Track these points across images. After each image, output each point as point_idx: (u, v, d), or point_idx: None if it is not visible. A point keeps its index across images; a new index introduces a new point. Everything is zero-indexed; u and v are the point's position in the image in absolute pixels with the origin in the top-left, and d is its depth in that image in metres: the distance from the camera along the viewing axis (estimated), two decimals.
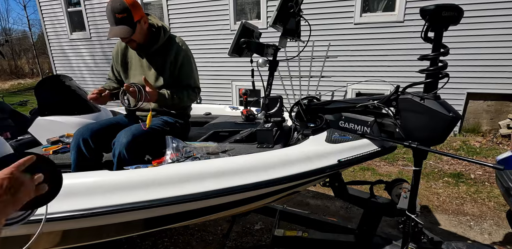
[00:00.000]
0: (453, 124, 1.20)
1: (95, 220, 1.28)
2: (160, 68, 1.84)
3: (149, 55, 1.85)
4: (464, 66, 4.63)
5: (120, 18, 1.64)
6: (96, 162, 1.75)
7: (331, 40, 5.31)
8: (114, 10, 1.62)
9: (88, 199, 1.22)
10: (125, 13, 1.63)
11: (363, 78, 5.22)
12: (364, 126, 1.48)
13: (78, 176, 1.34)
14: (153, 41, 1.80)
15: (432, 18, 1.12)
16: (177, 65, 1.85)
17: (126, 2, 1.62)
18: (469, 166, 3.71)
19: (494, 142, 4.46)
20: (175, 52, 1.83)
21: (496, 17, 4.38)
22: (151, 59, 1.85)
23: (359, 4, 5.05)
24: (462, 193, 3.09)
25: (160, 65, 1.84)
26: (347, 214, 2.75)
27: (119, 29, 1.65)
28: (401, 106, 1.33)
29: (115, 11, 1.62)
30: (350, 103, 1.55)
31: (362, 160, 1.49)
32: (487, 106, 4.83)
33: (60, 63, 8.16)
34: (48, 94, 2.40)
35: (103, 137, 1.71)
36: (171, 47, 1.84)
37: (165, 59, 1.83)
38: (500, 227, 2.50)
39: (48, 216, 1.19)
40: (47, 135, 2.17)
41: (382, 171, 3.70)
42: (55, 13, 7.68)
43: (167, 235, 2.44)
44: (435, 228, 2.49)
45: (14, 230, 0.88)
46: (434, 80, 1.23)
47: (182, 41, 1.91)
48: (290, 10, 1.61)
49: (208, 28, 6.13)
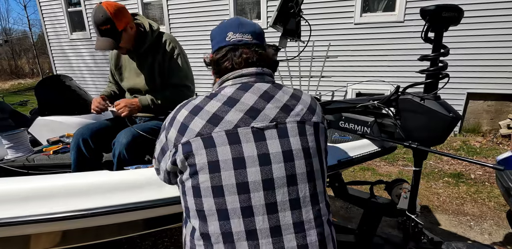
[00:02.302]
0: (453, 124, 1.20)
1: (95, 220, 1.28)
2: (151, 69, 1.79)
3: (139, 56, 1.80)
4: (464, 66, 4.62)
5: (104, 30, 1.57)
6: (96, 162, 1.75)
7: (331, 40, 5.31)
8: (96, 22, 1.55)
9: (88, 199, 1.22)
10: (108, 25, 1.56)
11: (363, 78, 5.22)
12: (364, 126, 1.48)
13: (78, 176, 1.34)
14: (142, 41, 1.75)
15: (432, 18, 1.12)
16: (165, 64, 1.79)
17: (108, 13, 1.54)
18: (469, 166, 3.71)
19: (494, 142, 4.46)
20: (162, 50, 1.77)
21: (496, 17, 4.38)
22: (142, 60, 1.80)
23: (359, 4, 5.05)
24: (462, 193, 3.09)
25: (151, 65, 1.79)
26: (347, 214, 2.75)
27: (103, 41, 1.60)
28: (401, 107, 1.33)
29: (97, 23, 1.55)
30: (350, 103, 1.55)
31: (362, 160, 1.49)
32: (487, 106, 4.83)
33: (60, 63, 8.16)
34: (48, 94, 2.41)
35: (103, 137, 1.71)
36: (159, 45, 1.78)
37: (154, 58, 1.78)
38: (500, 227, 2.49)
39: (48, 216, 1.20)
40: (47, 135, 2.17)
41: (382, 171, 3.70)
42: (55, 13, 7.68)
43: (167, 235, 2.44)
44: (435, 228, 2.49)
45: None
46: (434, 80, 1.23)
47: (171, 38, 1.82)
48: (290, 11, 1.61)
49: (208, 28, 6.12)
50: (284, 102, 0.89)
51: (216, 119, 0.84)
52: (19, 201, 1.22)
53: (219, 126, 0.83)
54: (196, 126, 0.84)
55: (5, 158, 1.89)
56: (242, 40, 0.92)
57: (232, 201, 0.81)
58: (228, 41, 0.93)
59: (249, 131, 0.84)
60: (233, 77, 0.92)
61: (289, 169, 0.84)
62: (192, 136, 0.84)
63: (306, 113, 0.90)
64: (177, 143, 0.86)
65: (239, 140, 0.83)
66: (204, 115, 0.85)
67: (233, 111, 0.85)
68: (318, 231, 0.86)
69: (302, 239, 0.83)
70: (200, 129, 0.84)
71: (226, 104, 0.86)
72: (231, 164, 0.82)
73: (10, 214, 1.18)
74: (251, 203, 0.81)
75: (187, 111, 0.88)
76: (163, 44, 1.77)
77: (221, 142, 0.82)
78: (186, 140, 0.84)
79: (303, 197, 0.85)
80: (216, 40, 0.97)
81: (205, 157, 0.82)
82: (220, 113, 0.85)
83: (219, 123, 0.84)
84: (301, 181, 0.85)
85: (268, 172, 0.82)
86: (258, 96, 0.88)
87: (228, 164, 0.82)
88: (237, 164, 0.82)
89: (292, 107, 0.89)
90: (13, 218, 1.18)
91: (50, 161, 1.87)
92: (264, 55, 0.95)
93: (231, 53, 0.92)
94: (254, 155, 0.82)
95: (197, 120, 0.85)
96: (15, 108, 3.46)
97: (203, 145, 0.82)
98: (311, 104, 0.94)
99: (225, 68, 0.93)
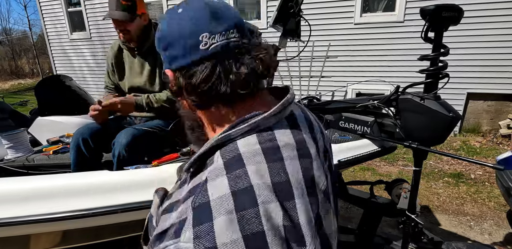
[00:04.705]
0: (453, 124, 1.20)
1: (95, 220, 1.28)
2: (152, 68, 1.79)
3: (141, 55, 1.80)
4: (464, 66, 4.62)
5: (124, 5, 1.57)
6: (96, 162, 1.75)
7: (331, 40, 5.31)
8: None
9: (88, 199, 1.23)
10: (130, 2, 1.58)
11: (363, 78, 5.22)
12: (364, 126, 1.48)
13: (78, 176, 1.34)
14: (146, 38, 1.76)
15: (432, 18, 1.12)
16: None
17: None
18: (469, 166, 3.71)
19: (494, 142, 4.45)
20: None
21: (496, 17, 4.37)
22: (144, 60, 1.80)
23: (359, 4, 5.05)
24: (462, 193, 3.09)
25: (152, 65, 1.79)
26: (347, 214, 2.75)
27: (118, 13, 1.59)
28: (401, 106, 1.33)
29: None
30: (350, 103, 1.55)
31: (362, 160, 1.49)
32: (487, 106, 4.83)
33: (61, 63, 8.16)
34: (48, 94, 2.41)
35: (103, 137, 1.71)
36: None
37: (155, 58, 1.78)
38: (500, 227, 2.49)
39: (49, 216, 1.20)
40: (47, 135, 2.17)
41: (382, 171, 3.70)
42: (55, 13, 7.67)
43: None
44: (435, 228, 2.49)
45: None
46: (434, 80, 1.23)
47: None
48: (290, 10, 1.61)
49: None
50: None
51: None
52: (19, 201, 1.22)
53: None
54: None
55: (5, 158, 1.89)
56: (229, 43, 0.55)
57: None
58: (206, 49, 0.54)
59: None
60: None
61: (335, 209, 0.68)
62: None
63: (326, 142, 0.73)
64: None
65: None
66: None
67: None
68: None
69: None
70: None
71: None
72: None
73: (10, 214, 1.18)
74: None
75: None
76: None
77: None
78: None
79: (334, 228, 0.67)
80: (177, 50, 0.56)
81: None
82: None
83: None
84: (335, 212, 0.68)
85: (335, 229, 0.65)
86: (307, 131, 0.64)
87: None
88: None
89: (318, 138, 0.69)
90: (13, 218, 1.18)
91: (50, 161, 1.87)
92: (267, 58, 0.58)
93: (219, 69, 0.55)
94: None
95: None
96: (15, 108, 3.46)
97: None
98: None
99: (220, 94, 0.56)
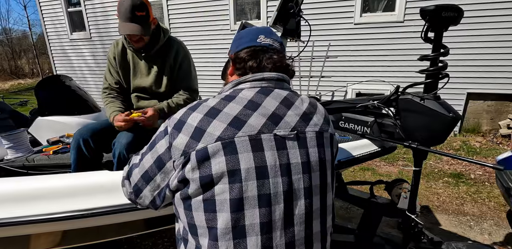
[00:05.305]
0: (453, 124, 1.20)
1: (95, 220, 1.28)
2: (160, 70, 1.79)
3: (148, 57, 1.79)
4: (464, 66, 4.63)
5: (139, 16, 1.56)
6: (96, 162, 1.75)
7: (331, 40, 5.31)
8: (134, 7, 1.53)
9: (88, 199, 1.23)
10: (144, 12, 1.57)
11: (363, 78, 5.22)
12: (364, 126, 1.48)
13: (78, 176, 1.34)
14: (155, 41, 1.75)
15: (432, 18, 1.12)
16: (176, 67, 1.79)
17: (145, 0, 1.57)
18: (469, 166, 3.71)
19: (494, 142, 4.46)
20: (174, 54, 1.78)
21: (496, 17, 4.38)
22: (151, 61, 1.79)
23: (359, 4, 5.05)
24: (462, 193, 3.09)
25: (160, 67, 1.79)
26: (347, 214, 2.75)
27: (133, 26, 1.58)
28: (401, 107, 1.33)
29: (135, 8, 1.53)
30: (350, 103, 1.55)
31: (362, 160, 1.49)
32: (487, 106, 4.83)
33: (61, 63, 8.16)
34: (48, 94, 2.40)
35: (104, 137, 1.71)
36: (170, 48, 1.79)
37: (164, 61, 1.78)
38: (500, 227, 2.49)
39: (49, 216, 1.20)
40: (47, 135, 2.17)
41: (382, 171, 3.70)
42: (55, 13, 7.68)
43: (167, 235, 2.44)
44: (435, 228, 2.49)
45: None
46: (434, 80, 1.23)
47: (182, 43, 1.86)
48: (290, 11, 1.61)
49: (208, 28, 6.13)
50: (303, 110, 0.85)
51: (238, 122, 0.77)
52: (19, 201, 1.22)
53: (242, 130, 0.76)
54: (216, 129, 0.76)
55: (5, 158, 1.89)
56: (272, 45, 0.91)
57: (251, 216, 0.74)
58: (260, 42, 0.90)
59: (271, 138, 0.78)
60: (252, 80, 0.86)
61: (306, 181, 0.80)
62: (211, 141, 0.75)
63: (324, 123, 0.87)
64: (188, 150, 0.75)
65: (262, 147, 0.77)
66: (224, 118, 0.77)
67: (255, 116, 0.79)
68: (322, 244, 0.85)
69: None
70: (221, 132, 0.75)
71: (247, 108, 0.80)
72: (254, 173, 0.75)
73: (10, 214, 1.18)
74: (271, 218, 0.75)
75: (201, 114, 0.79)
76: (175, 48, 1.79)
77: (244, 148, 0.75)
78: (203, 146, 0.74)
79: (315, 210, 0.82)
80: (244, 39, 0.93)
81: (225, 165, 0.74)
82: (242, 117, 0.78)
83: (242, 126, 0.77)
84: (315, 194, 0.82)
85: (289, 183, 0.77)
86: (278, 101, 0.83)
87: (251, 174, 0.74)
88: (260, 174, 0.75)
89: (311, 116, 0.86)
90: (13, 218, 1.18)
91: (50, 161, 1.87)
92: (287, 64, 0.94)
93: (260, 53, 0.89)
94: (277, 165, 0.77)
95: (216, 123, 0.76)
96: (15, 108, 3.47)
97: (223, 152, 0.74)
98: (326, 115, 0.91)
99: (250, 67, 0.89)
